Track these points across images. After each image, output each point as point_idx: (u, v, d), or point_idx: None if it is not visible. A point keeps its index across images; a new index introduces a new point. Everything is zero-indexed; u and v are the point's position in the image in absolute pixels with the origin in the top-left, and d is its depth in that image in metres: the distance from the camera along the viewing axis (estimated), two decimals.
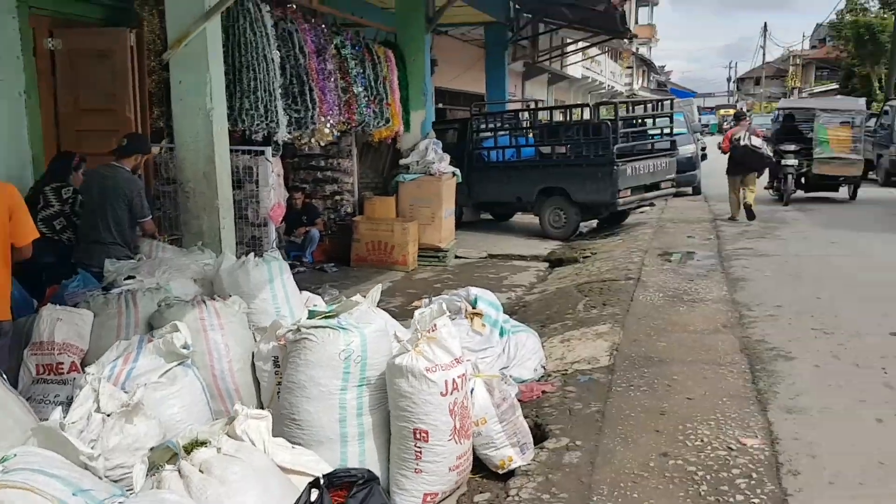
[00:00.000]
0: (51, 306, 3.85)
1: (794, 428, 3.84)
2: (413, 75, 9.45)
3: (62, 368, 3.66)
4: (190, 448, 2.31)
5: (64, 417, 2.48)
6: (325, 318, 3.47)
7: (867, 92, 29.81)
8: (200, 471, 2.28)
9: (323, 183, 9.69)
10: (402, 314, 6.14)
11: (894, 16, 23.81)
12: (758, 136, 12.19)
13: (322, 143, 7.90)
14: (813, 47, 55.80)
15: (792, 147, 13.50)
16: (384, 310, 3.89)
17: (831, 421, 3.93)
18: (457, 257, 9.84)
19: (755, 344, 5.29)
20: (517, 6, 14.19)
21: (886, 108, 18.26)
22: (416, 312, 3.40)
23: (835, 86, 38.07)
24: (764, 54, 63.02)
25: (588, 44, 19.42)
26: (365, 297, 3.67)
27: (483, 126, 12.31)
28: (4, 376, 2.96)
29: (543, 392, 4.49)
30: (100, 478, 2.27)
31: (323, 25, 7.77)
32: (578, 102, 23.55)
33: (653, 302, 6.69)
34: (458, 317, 4.77)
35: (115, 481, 2.44)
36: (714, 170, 13.28)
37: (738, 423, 3.92)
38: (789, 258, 8.54)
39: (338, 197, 9.77)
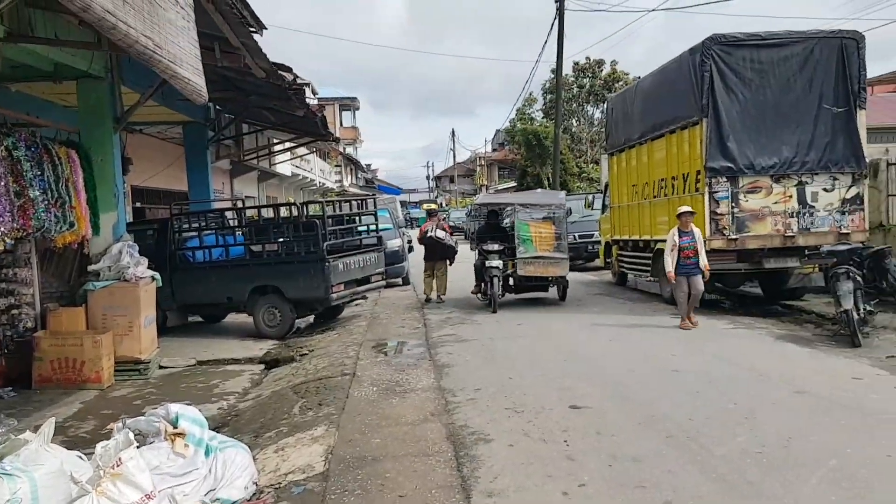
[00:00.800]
0: None
1: None
2: (101, 176, 8.80)
3: None
4: None
5: None
6: None
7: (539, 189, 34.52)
8: None
9: None
10: (96, 440, 5.48)
11: (554, 125, 28.08)
12: (444, 229, 13.69)
13: None
14: (494, 150, 63.37)
15: (495, 247, 12.41)
16: (72, 438, 3.47)
17: (525, 500, 4.26)
18: (161, 367, 9.16)
19: (459, 430, 5.61)
20: (217, 107, 14.09)
21: None
22: (98, 447, 3.07)
23: (514, 183, 43.37)
24: (454, 155, 70.13)
25: (294, 144, 19.85)
26: (36, 433, 3.23)
27: (186, 225, 11.87)
28: None
29: None
30: None
31: None
32: (288, 200, 23.79)
33: (367, 397, 6.81)
34: (156, 439, 4.42)
35: None
36: (421, 261, 14.21)
37: None
38: (485, 342, 9.33)
39: (15, 311, 8.62)
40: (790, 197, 10.81)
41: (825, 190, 10.85)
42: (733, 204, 10.74)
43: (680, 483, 4.36)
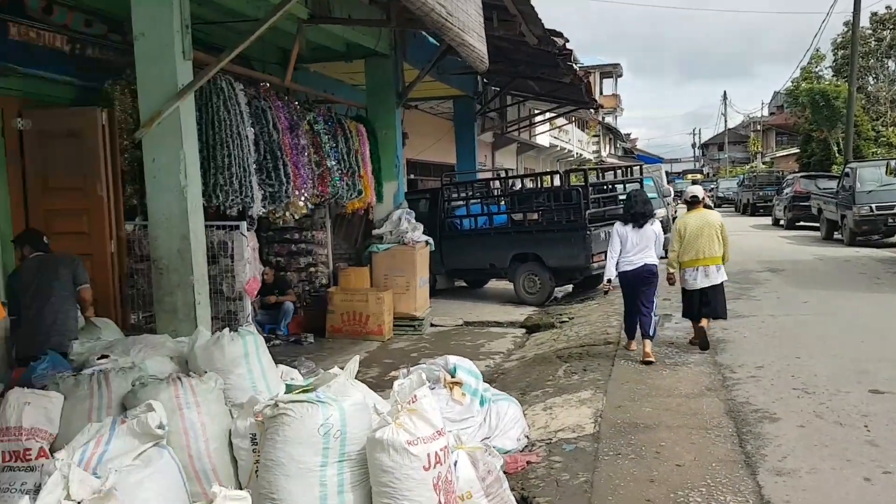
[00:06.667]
0: (18, 390, 3.70)
1: (784, 491, 3.80)
2: (384, 148, 9.60)
3: (30, 455, 3.50)
4: None
5: None
6: (303, 392, 3.39)
7: (826, 156, 30.79)
8: None
9: (297, 255, 9.63)
10: (380, 385, 6.03)
11: (847, 83, 24.83)
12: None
13: (296, 217, 7.90)
14: (772, 114, 57.71)
15: None
16: (361, 381, 3.81)
17: (820, 482, 3.88)
18: (432, 325, 9.76)
19: (740, 406, 5.27)
20: (485, 80, 14.58)
21: (847, 170, 18.81)
22: (396, 384, 3.33)
23: (795, 150, 39.32)
24: (725, 121, 65.04)
25: (555, 114, 19.91)
26: (342, 369, 3.60)
27: (455, 195, 12.43)
28: None
29: (528, 463, 4.38)
30: None
31: (296, 102, 7.89)
32: (548, 169, 23.99)
33: (634, 366, 6.66)
34: (436, 386, 4.68)
35: None
36: None
37: (729, 488, 3.87)
38: (766, 319, 8.60)
39: (312, 269, 9.71)
40: None
41: None
42: None
43: None
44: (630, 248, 6.87)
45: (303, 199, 7.55)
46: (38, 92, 6.08)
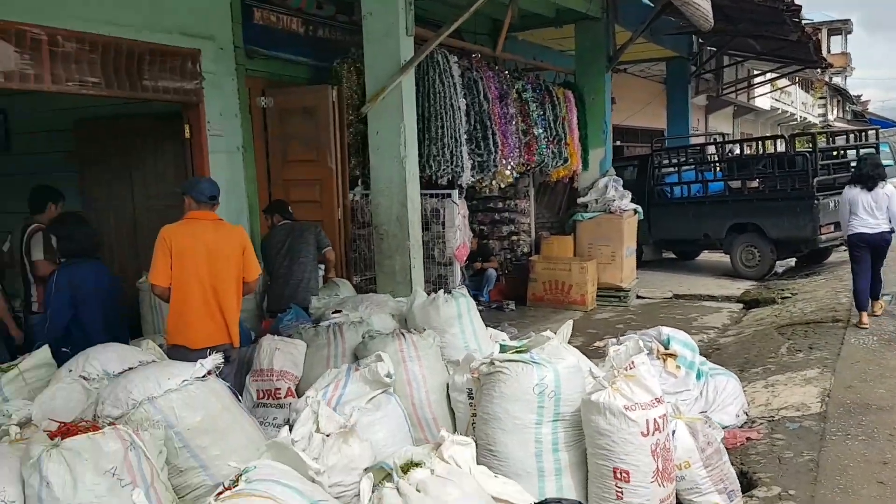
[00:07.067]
0: (269, 337, 4.22)
1: None
2: (592, 114, 9.43)
3: (280, 394, 3.99)
4: (406, 468, 2.42)
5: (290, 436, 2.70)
6: (517, 352, 3.49)
7: None
8: (417, 490, 2.38)
9: (500, 224, 9.78)
10: (585, 354, 6.02)
11: None
12: None
13: (502, 185, 8.05)
14: None
15: None
16: None
17: None
18: (638, 297, 9.53)
19: None
20: (700, 40, 13.75)
21: None
22: (611, 349, 3.34)
23: None
24: None
25: (777, 75, 18.34)
26: (555, 333, 3.66)
27: (665, 161, 11.93)
28: (240, 398, 3.27)
29: (748, 439, 4.21)
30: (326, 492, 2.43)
31: (505, 72, 7.99)
32: (767, 134, 22.19)
33: (866, 345, 6.10)
34: (649, 357, 4.60)
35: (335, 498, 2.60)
36: None
37: None
38: None
39: (514, 237, 9.85)
40: None
41: None
42: None
43: None
44: (861, 211, 6.68)
45: (509, 167, 7.66)
46: (278, 72, 6.70)
